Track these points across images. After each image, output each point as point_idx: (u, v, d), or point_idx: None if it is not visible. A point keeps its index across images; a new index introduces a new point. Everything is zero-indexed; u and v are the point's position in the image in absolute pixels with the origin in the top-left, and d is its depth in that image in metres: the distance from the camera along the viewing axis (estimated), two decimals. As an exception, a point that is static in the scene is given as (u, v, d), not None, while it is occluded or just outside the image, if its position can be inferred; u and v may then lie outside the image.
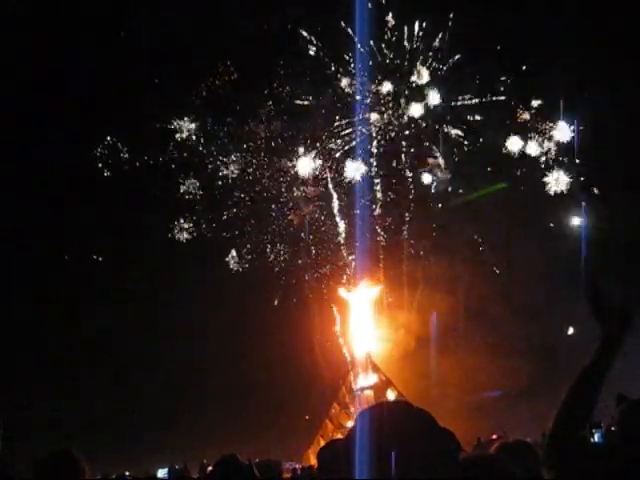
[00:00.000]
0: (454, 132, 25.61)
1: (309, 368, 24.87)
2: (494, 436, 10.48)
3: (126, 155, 25.02)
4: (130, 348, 24.89)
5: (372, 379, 26.18)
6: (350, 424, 25.51)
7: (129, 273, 24.72)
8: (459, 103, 25.40)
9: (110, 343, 25.24)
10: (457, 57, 24.90)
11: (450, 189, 26.05)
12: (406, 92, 25.56)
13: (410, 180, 26.03)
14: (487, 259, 25.52)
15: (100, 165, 25.19)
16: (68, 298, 24.42)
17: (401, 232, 26.37)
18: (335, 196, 26.01)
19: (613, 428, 3.27)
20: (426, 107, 25.51)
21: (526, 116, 25.32)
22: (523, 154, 25.40)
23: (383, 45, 25.29)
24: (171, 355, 25.35)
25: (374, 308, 26.88)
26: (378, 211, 26.06)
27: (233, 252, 26.29)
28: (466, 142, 25.64)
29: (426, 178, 25.99)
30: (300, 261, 26.70)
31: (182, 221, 25.97)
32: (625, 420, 2.97)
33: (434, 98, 25.37)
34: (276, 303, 26.26)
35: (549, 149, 25.55)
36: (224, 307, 24.96)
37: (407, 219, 26.22)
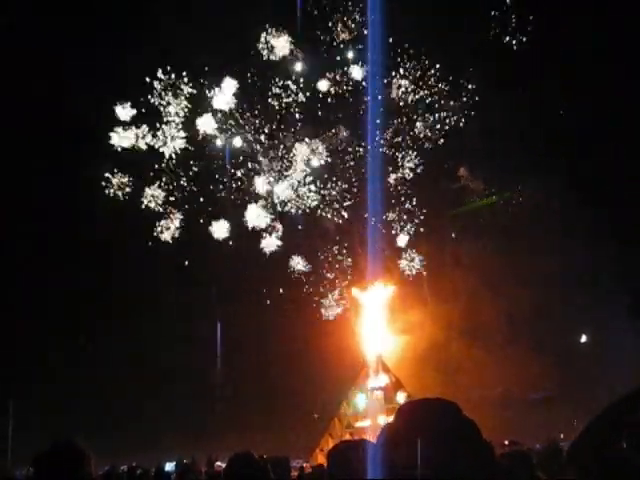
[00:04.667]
0: None
1: (320, 367, 24.85)
2: (506, 442, 10.41)
3: None
4: (138, 345, 24.95)
5: (383, 380, 26.14)
6: (359, 424, 25.50)
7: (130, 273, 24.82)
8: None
9: (118, 339, 25.30)
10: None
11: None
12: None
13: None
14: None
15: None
16: (69, 296, 24.57)
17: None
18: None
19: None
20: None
21: None
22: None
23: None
24: (181, 352, 25.40)
25: (389, 306, 26.77)
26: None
27: None
28: None
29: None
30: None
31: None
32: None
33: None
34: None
35: None
36: (234, 305, 25.02)
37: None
